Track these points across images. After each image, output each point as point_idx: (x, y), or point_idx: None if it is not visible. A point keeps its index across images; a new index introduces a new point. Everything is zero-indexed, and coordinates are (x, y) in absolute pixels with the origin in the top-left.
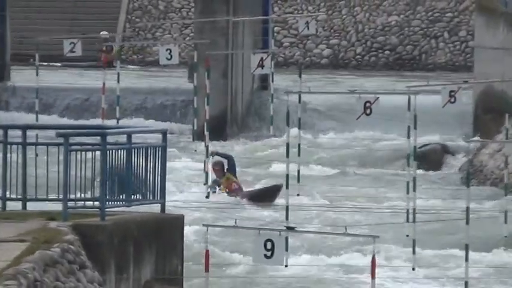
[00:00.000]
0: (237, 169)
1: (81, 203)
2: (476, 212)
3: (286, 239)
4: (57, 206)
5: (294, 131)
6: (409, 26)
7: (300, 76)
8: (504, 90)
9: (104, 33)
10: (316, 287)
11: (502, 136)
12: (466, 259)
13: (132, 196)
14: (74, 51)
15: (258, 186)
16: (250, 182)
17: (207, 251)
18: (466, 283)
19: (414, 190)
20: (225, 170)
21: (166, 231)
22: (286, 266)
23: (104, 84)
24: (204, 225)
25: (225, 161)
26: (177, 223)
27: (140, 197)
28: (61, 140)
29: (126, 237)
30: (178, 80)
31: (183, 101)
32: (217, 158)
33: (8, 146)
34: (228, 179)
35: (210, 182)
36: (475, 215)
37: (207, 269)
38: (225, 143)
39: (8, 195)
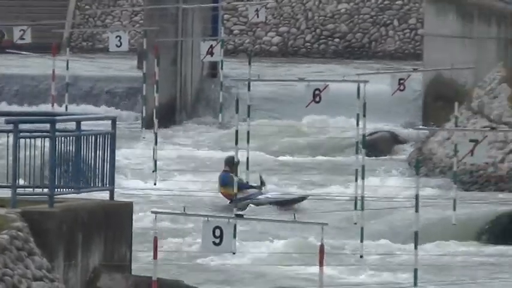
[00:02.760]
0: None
1: (30, 190)
2: (425, 200)
3: (235, 226)
4: (6, 193)
5: (244, 118)
6: (359, 14)
7: (250, 64)
8: (453, 78)
9: None
10: (264, 274)
11: (451, 124)
12: (415, 247)
13: (81, 183)
14: (23, 38)
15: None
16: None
17: (156, 237)
18: (416, 271)
19: (363, 178)
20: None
21: (115, 218)
22: (234, 253)
23: (53, 71)
24: (152, 212)
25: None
26: (125, 210)
27: (89, 184)
28: (10, 127)
29: (75, 224)
30: (127, 67)
31: (132, 88)
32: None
33: None
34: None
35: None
36: (424, 203)
37: (155, 256)
38: (174, 130)
39: None
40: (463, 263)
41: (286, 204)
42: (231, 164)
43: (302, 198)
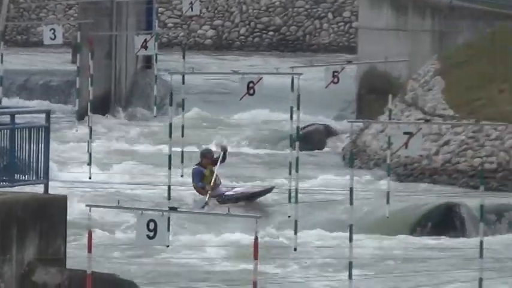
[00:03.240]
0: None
1: None
2: (359, 193)
3: (169, 219)
4: None
5: (179, 111)
6: (293, 7)
7: (184, 57)
8: (387, 70)
9: None
10: (198, 267)
11: (385, 116)
12: (350, 239)
13: (16, 176)
14: None
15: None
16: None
17: (90, 231)
18: (350, 263)
19: (296, 171)
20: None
21: (50, 212)
22: (168, 246)
23: None
24: (87, 205)
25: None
26: (60, 203)
27: (23, 178)
28: None
29: (9, 217)
30: (61, 61)
31: (67, 82)
32: (209, 148)
33: None
34: (212, 172)
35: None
36: (358, 196)
37: (90, 250)
38: (109, 124)
39: None
40: (397, 256)
41: (253, 197)
42: (203, 156)
43: (268, 191)
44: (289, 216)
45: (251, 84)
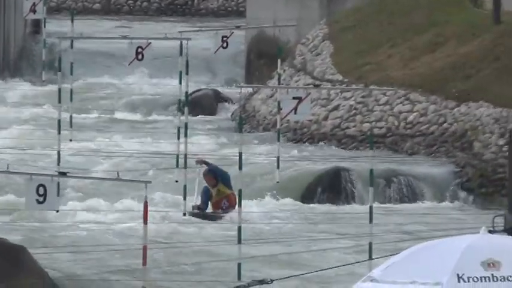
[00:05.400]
0: None
1: None
2: (249, 158)
3: (58, 184)
4: None
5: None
6: None
7: (72, 21)
8: (276, 35)
9: None
10: (88, 232)
11: (275, 81)
12: (239, 205)
13: None
14: None
15: None
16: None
17: None
18: (239, 228)
19: (185, 136)
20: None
21: None
22: (57, 211)
23: None
24: None
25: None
26: None
27: None
28: None
29: None
30: None
31: None
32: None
33: None
34: (220, 191)
35: (196, 198)
36: (247, 161)
37: None
38: None
39: None
40: (286, 221)
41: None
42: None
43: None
44: (176, 181)
45: (140, 49)
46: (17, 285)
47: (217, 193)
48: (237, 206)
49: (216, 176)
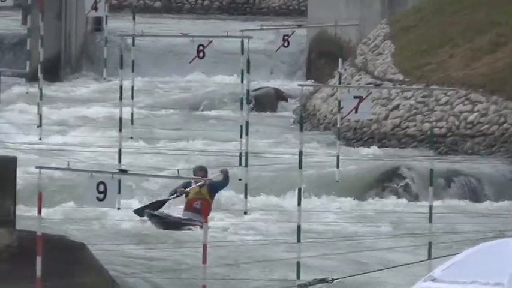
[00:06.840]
0: None
1: None
2: (309, 156)
3: (119, 181)
4: None
5: (128, 74)
6: None
7: (134, 19)
8: (337, 34)
9: None
10: (148, 230)
11: (335, 80)
12: (299, 203)
13: None
14: None
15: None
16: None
17: (40, 193)
18: (299, 227)
19: (247, 134)
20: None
21: None
22: (118, 208)
23: None
24: (36, 167)
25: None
26: (9, 165)
27: None
28: None
29: None
30: (12, 23)
31: (17, 44)
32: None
33: None
34: (202, 193)
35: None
36: (308, 159)
37: (39, 211)
38: (58, 86)
39: None
40: (346, 220)
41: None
42: (194, 174)
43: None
44: (240, 179)
45: (201, 47)
46: (77, 282)
47: (198, 192)
48: (208, 216)
49: (211, 188)
